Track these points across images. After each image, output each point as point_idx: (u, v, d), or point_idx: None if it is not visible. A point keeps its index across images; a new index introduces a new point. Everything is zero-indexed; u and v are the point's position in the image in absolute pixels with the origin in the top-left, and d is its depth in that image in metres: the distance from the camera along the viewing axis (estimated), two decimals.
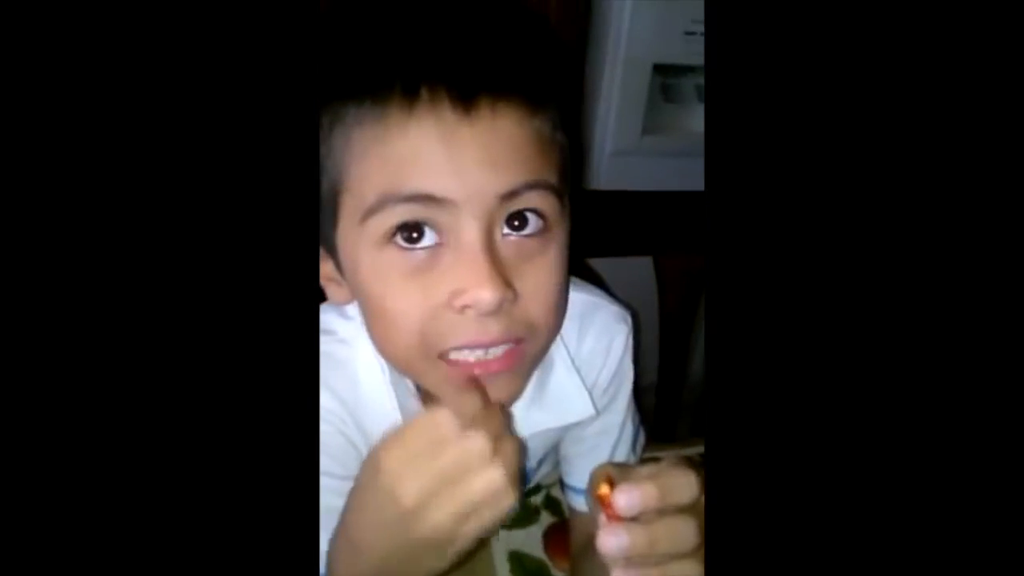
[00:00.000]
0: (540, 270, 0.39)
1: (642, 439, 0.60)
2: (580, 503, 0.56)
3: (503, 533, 0.61)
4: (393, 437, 0.35)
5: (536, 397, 0.48)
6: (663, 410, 0.86)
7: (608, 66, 1.13)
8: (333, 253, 0.41)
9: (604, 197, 0.92)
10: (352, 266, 0.40)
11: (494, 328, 0.38)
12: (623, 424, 0.55)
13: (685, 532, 0.34)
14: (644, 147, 1.13)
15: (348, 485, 0.45)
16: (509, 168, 0.36)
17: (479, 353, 0.39)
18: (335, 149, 0.37)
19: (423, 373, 0.41)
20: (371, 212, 0.36)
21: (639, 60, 1.07)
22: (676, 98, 1.13)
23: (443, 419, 0.34)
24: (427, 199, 0.35)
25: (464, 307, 0.37)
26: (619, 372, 0.53)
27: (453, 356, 0.39)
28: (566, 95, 0.40)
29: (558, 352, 0.49)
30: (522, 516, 0.62)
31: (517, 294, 0.38)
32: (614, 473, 0.36)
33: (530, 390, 0.47)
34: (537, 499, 0.64)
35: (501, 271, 0.37)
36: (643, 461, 0.67)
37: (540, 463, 0.58)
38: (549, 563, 0.59)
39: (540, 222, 0.39)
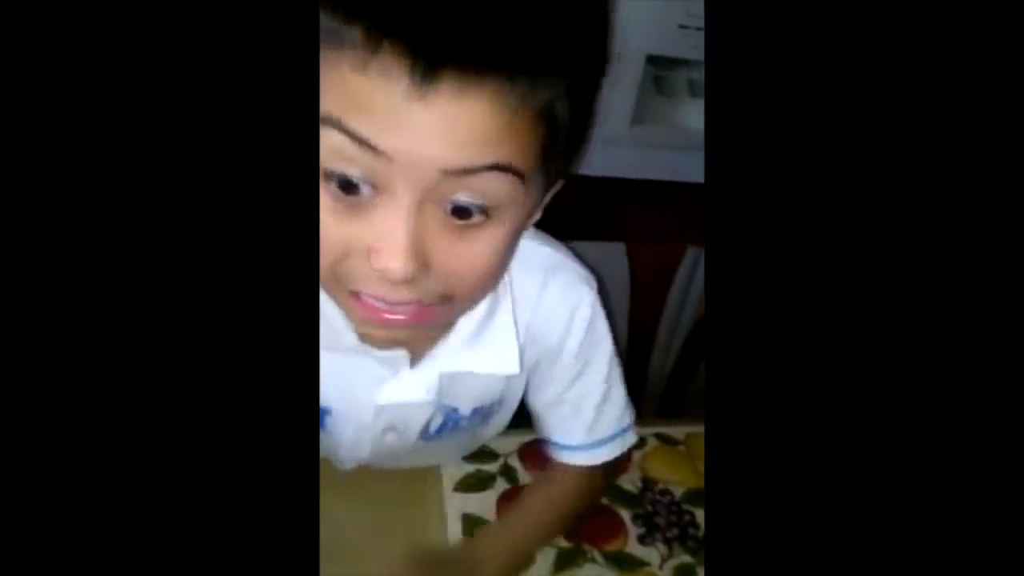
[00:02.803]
0: (470, 251, 0.37)
1: (631, 411, 0.61)
2: (561, 455, 0.60)
3: (458, 496, 0.63)
4: None
5: (470, 341, 0.49)
6: (632, 395, 0.89)
7: None
8: None
9: (582, 182, 0.93)
10: None
11: (402, 292, 0.37)
12: (606, 386, 0.57)
13: None
14: (633, 137, 1.14)
15: None
16: (465, 147, 0.33)
17: (383, 304, 0.38)
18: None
19: (335, 296, 0.41)
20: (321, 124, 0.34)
21: (632, 50, 1.07)
22: (667, 91, 1.14)
23: None
24: (365, 144, 0.33)
25: (375, 268, 0.36)
26: (590, 337, 0.54)
27: (363, 297, 0.39)
28: (576, 66, 0.35)
29: (503, 305, 0.49)
30: (477, 481, 0.65)
31: (432, 268, 0.37)
32: None
33: (468, 333, 0.48)
34: (494, 467, 0.66)
35: (420, 247, 0.35)
36: None
37: (478, 414, 0.58)
38: None
39: (484, 214, 0.36)
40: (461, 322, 0.48)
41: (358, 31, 0.31)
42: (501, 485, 0.65)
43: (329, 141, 0.33)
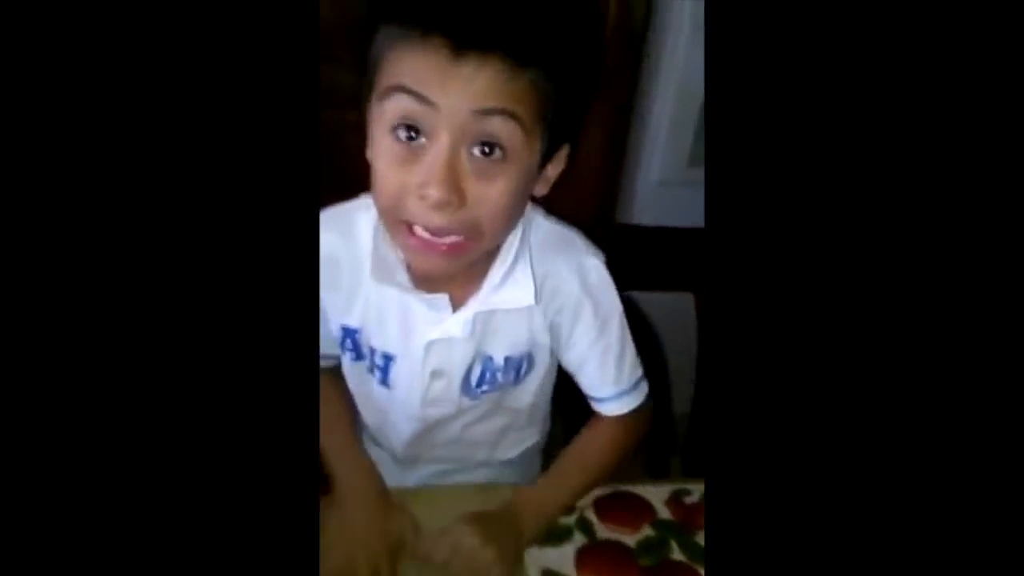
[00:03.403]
0: (492, 188, 0.51)
1: (644, 387, 0.71)
2: (598, 407, 0.70)
3: (535, 551, 0.63)
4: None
5: (497, 287, 0.62)
6: (696, 442, 0.88)
7: (659, 96, 1.14)
8: (364, 119, 0.55)
9: (649, 233, 0.94)
10: (371, 137, 0.53)
11: (441, 218, 0.51)
12: (621, 342, 0.68)
13: None
14: (689, 178, 1.14)
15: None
16: (484, 95, 0.48)
17: (430, 235, 0.52)
18: (377, 47, 0.51)
19: (393, 231, 0.56)
20: (383, 96, 0.50)
21: (690, 93, 1.08)
22: None
23: None
24: (419, 97, 0.48)
25: (423, 196, 0.50)
26: (604, 300, 0.66)
27: (415, 228, 0.53)
28: (558, 57, 0.51)
29: (523, 260, 0.62)
30: (554, 535, 0.65)
31: (466, 200, 0.51)
32: None
33: (495, 283, 0.62)
34: (570, 519, 0.66)
35: (455, 179, 0.50)
36: (675, 493, 0.69)
37: (510, 366, 0.67)
38: None
39: (501, 152, 0.50)
40: (490, 274, 0.61)
41: (418, 29, 0.48)
42: (579, 539, 0.65)
43: (398, 103, 0.49)
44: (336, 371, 0.73)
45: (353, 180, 0.63)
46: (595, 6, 0.57)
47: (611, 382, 0.68)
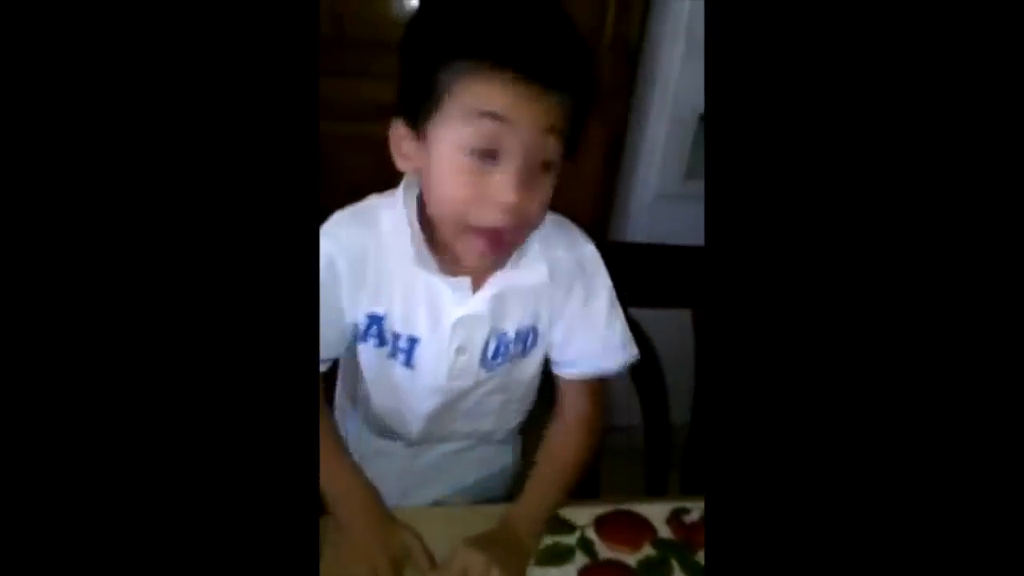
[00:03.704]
0: (539, 193, 0.61)
1: (634, 349, 0.76)
2: (565, 373, 0.76)
3: (538, 571, 0.64)
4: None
5: (513, 267, 0.70)
6: (694, 457, 0.89)
7: (655, 112, 1.15)
8: (417, 133, 0.61)
9: (646, 250, 0.95)
10: (436, 151, 0.60)
11: (507, 219, 0.60)
12: (608, 315, 0.74)
13: None
14: (686, 191, 1.15)
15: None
16: (548, 116, 0.58)
17: (495, 246, 0.62)
18: (446, 77, 0.58)
19: (457, 234, 0.63)
20: (468, 120, 0.58)
21: (686, 108, 1.09)
22: None
23: None
24: (499, 118, 0.57)
25: (500, 202, 0.59)
26: (593, 274, 0.74)
27: (482, 240, 0.61)
28: (578, 79, 0.60)
29: (531, 246, 0.70)
30: (556, 554, 0.66)
31: (524, 204, 0.60)
32: None
33: (510, 265, 0.69)
34: (572, 539, 0.67)
35: (525, 187, 0.59)
36: (675, 512, 0.70)
37: (519, 339, 0.74)
38: None
39: (550, 164, 0.60)
40: (507, 260, 0.70)
41: (489, 62, 0.57)
42: (580, 559, 0.65)
43: (487, 127, 0.58)
44: (326, 376, 0.75)
45: (341, 189, 0.66)
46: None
47: (599, 341, 0.74)
